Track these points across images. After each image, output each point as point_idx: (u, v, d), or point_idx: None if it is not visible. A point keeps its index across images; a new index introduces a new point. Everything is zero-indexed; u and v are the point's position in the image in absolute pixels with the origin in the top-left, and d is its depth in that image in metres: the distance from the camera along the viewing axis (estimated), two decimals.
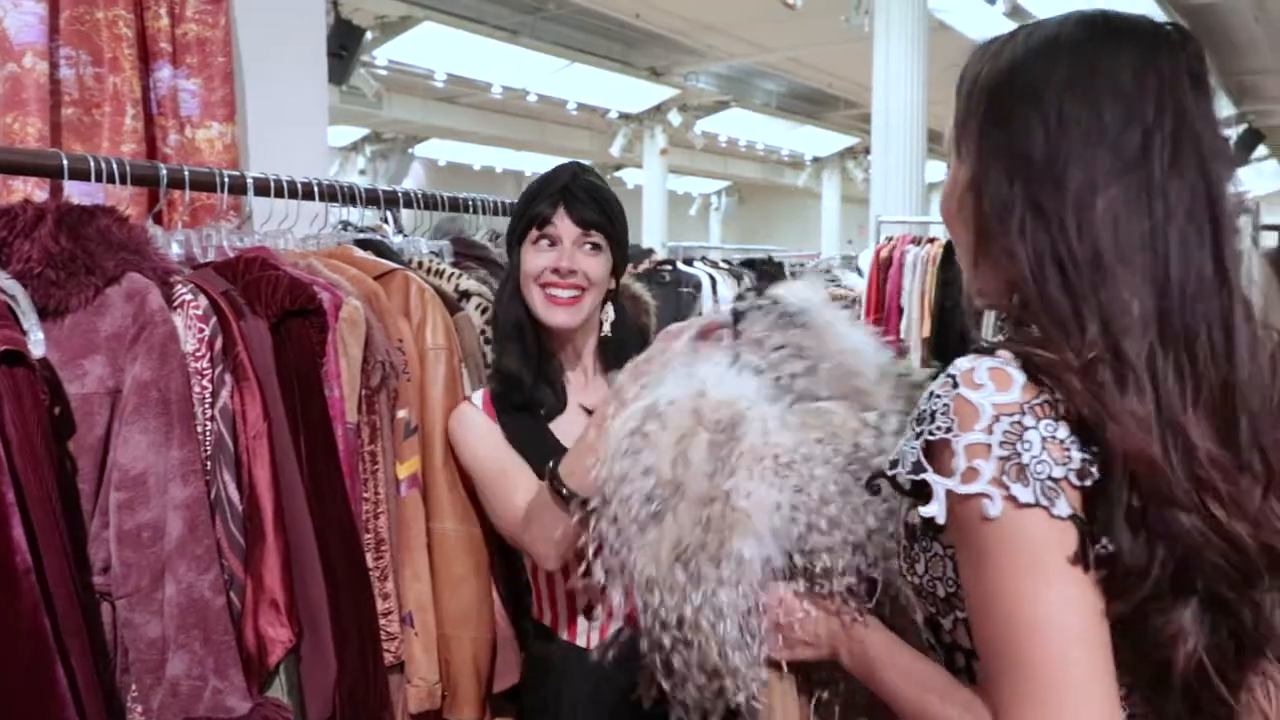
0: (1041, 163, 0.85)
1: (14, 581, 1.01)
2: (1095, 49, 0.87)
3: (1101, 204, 0.83)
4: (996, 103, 0.89)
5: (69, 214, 1.26)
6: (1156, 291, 0.82)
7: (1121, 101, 0.85)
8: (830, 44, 10.49)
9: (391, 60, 10.63)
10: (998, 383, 0.82)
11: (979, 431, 0.81)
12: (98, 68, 1.67)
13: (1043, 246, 0.84)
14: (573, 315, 1.52)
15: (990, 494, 0.80)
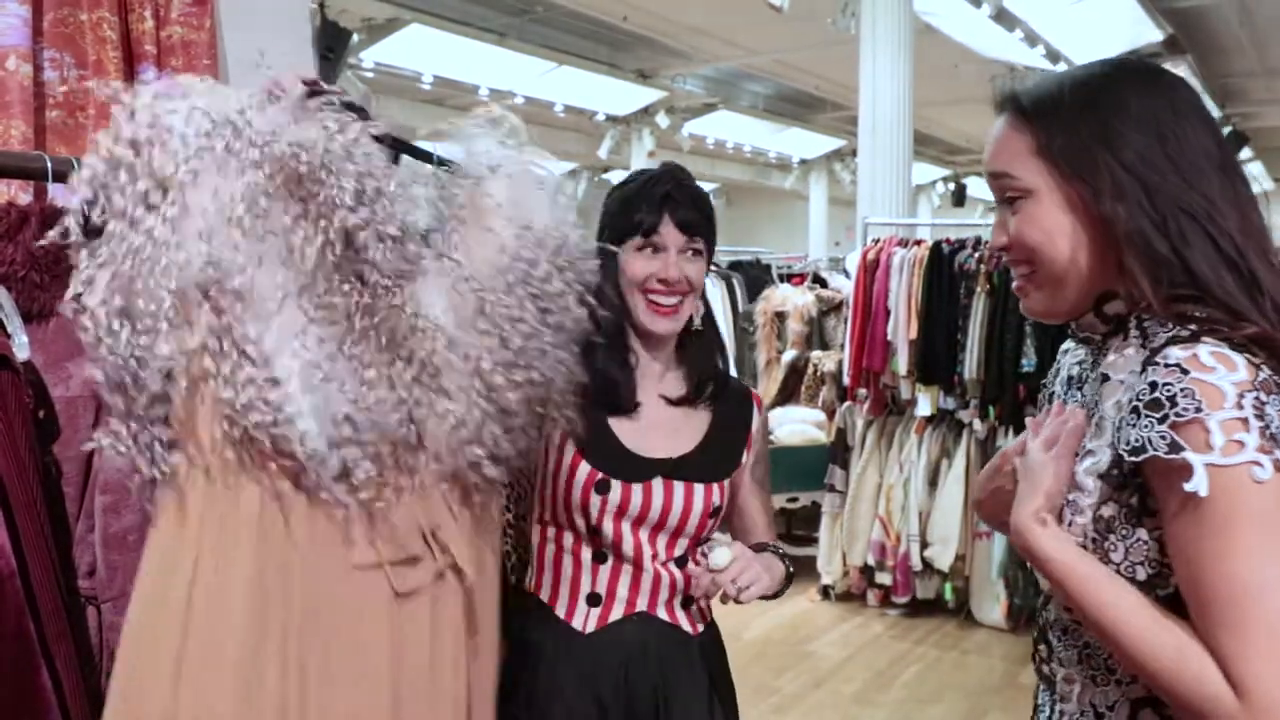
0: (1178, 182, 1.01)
1: None
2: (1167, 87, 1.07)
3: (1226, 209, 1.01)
4: (1107, 132, 1.04)
5: (53, 217, 1.26)
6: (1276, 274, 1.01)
7: (1209, 127, 1.05)
8: (817, 47, 10.52)
9: (379, 63, 10.60)
10: (1226, 365, 0.93)
11: (1230, 408, 0.91)
12: (82, 70, 1.66)
13: (1205, 247, 0.99)
14: (675, 323, 1.58)
15: (1260, 460, 0.90)
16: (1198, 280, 0.99)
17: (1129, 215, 1.01)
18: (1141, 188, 1.01)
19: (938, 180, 18.60)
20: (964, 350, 4.57)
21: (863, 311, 4.82)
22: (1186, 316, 0.99)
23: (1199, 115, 1.05)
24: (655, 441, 1.56)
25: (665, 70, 12.30)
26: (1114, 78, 1.07)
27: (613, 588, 1.54)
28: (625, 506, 1.52)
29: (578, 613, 1.53)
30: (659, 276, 1.54)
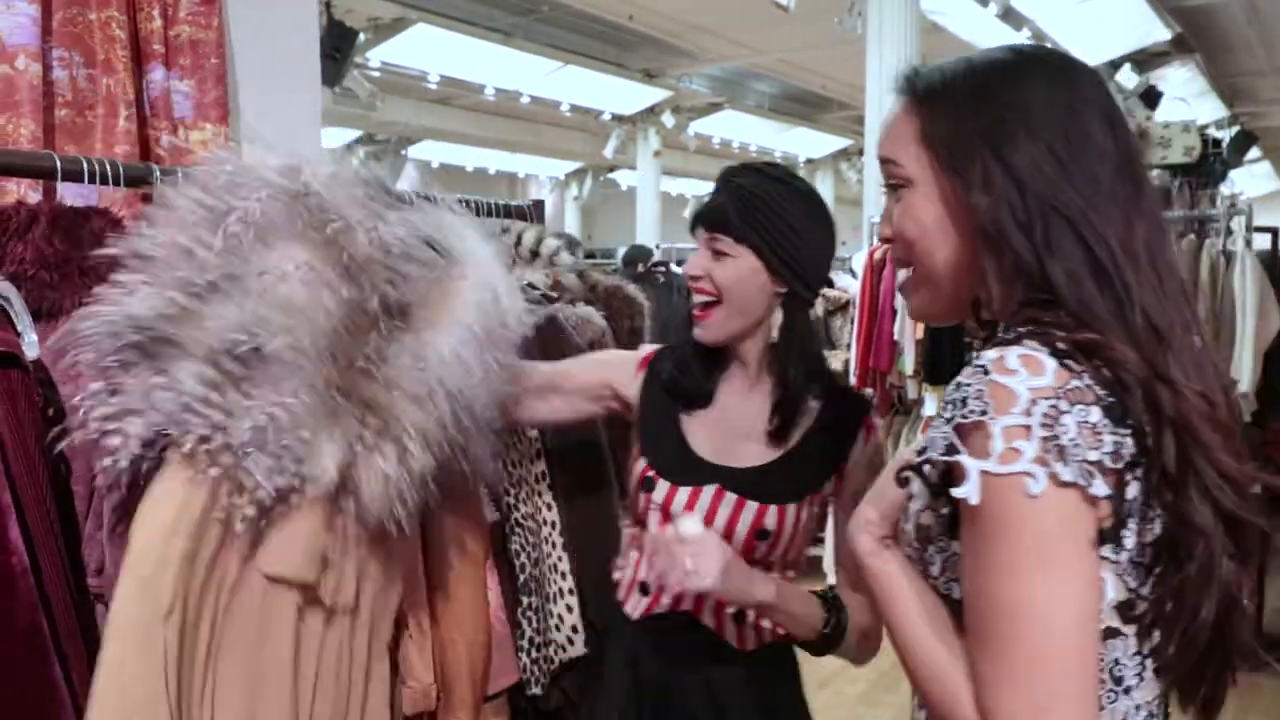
0: (1058, 183, 0.92)
1: (11, 582, 1.01)
2: (1071, 81, 0.97)
3: (1112, 215, 0.92)
4: (988, 124, 0.95)
5: (62, 216, 1.27)
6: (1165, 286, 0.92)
7: (1114, 129, 0.96)
8: (823, 46, 10.50)
9: (385, 62, 10.62)
10: (1031, 369, 0.85)
11: (1017, 414, 0.84)
12: (91, 69, 1.67)
13: (1073, 254, 0.91)
14: (705, 331, 1.47)
15: (1034, 472, 0.82)
16: (1052, 286, 0.91)
17: (993, 212, 0.93)
18: (1014, 184, 0.93)
19: None
20: (970, 351, 4.56)
21: (869, 311, 4.80)
22: (1032, 320, 0.91)
23: (1103, 114, 0.96)
24: (726, 447, 1.48)
25: (671, 70, 12.30)
26: (1012, 66, 0.98)
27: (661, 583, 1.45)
28: (667, 507, 1.46)
29: (631, 599, 1.52)
30: (688, 273, 1.48)
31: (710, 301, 1.45)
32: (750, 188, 1.44)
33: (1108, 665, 0.89)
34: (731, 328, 1.46)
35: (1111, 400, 0.85)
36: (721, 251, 1.44)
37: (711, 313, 1.46)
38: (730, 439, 1.48)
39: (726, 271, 1.44)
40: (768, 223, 1.42)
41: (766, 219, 1.42)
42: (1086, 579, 0.85)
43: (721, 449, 1.48)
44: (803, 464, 1.47)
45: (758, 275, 1.44)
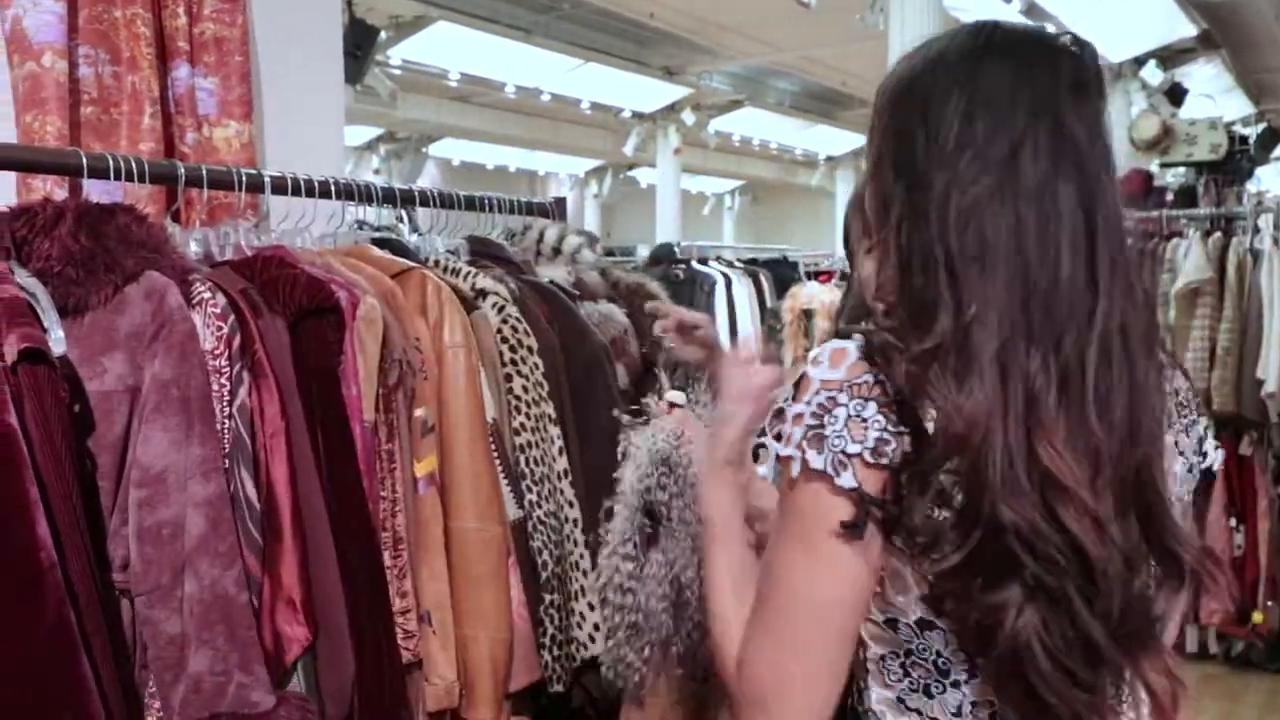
0: (918, 167, 0.90)
1: (39, 577, 1.02)
2: (975, 62, 0.91)
3: (963, 206, 0.87)
4: (890, 111, 0.95)
5: (88, 212, 1.27)
6: (1023, 292, 0.85)
7: (992, 111, 0.88)
8: (844, 43, 10.45)
9: (406, 60, 10.64)
10: (833, 361, 0.88)
11: (802, 403, 0.88)
12: (116, 66, 1.67)
13: (911, 242, 0.89)
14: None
15: (794, 456, 0.87)
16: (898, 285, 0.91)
17: (871, 203, 0.96)
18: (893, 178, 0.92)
19: None
20: None
21: None
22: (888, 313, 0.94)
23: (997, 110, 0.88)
24: None
25: (691, 67, 12.27)
26: (928, 59, 0.94)
27: None
28: None
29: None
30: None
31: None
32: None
33: (930, 656, 0.90)
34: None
35: (900, 400, 0.86)
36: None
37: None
38: None
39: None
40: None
41: None
42: (836, 568, 0.87)
43: None
44: None
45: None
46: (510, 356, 1.61)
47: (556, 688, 1.59)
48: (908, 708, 0.92)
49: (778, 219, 19.56)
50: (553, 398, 1.65)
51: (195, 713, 1.16)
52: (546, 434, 1.63)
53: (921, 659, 0.90)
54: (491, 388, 1.59)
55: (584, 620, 1.62)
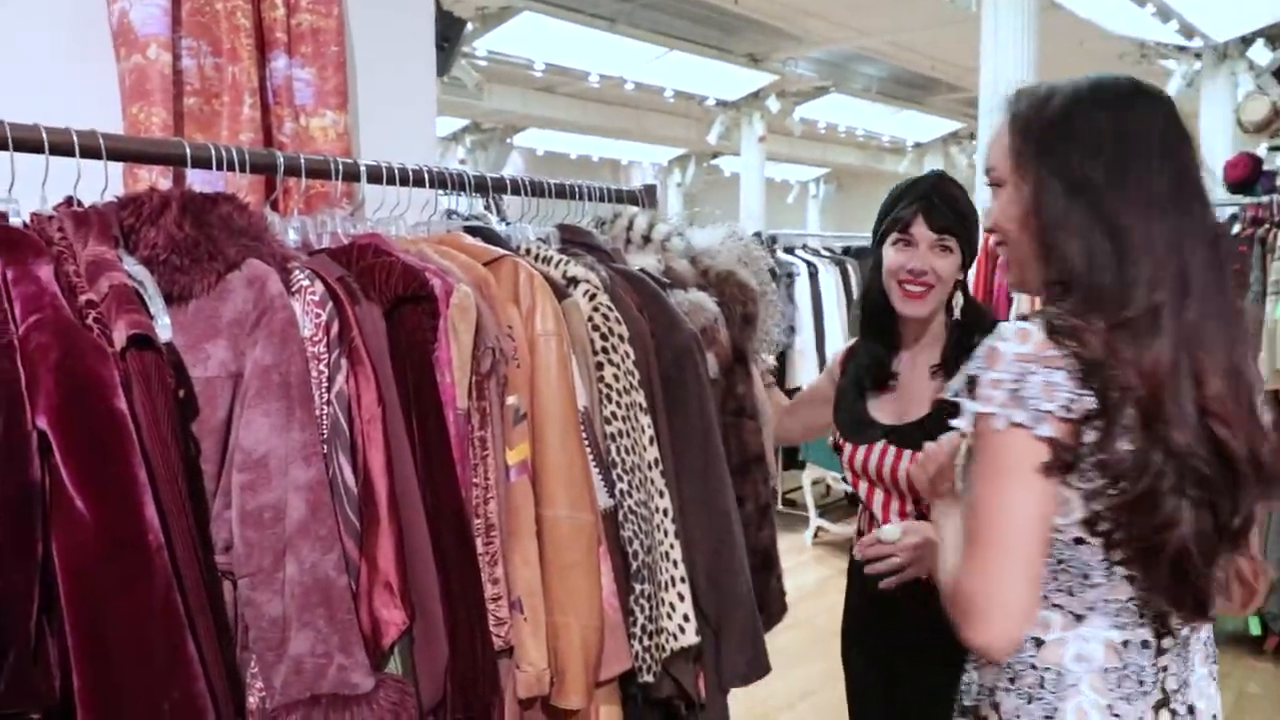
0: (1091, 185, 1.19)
1: (149, 558, 1.04)
2: (1128, 109, 1.22)
3: (1138, 216, 1.17)
4: (1053, 144, 1.22)
5: (192, 201, 1.29)
6: (1183, 278, 1.16)
7: (1144, 146, 1.20)
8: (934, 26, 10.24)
9: (491, 51, 10.75)
10: (1020, 338, 1.16)
11: (999, 371, 1.15)
12: (217, 58, 1.71)
13: (1096, 247, 1.17)
14: (921, 308, 1.86)
15: (998, 414, 1.15)
16: (1075, 277, 1.17)
17: (1046, 215, 1.21)
18: (1063, 194, 1.19)
19: None
20: None
21: (983, 298, 4.66)
22: (1049, 301, 1.21)
23: (1147, 144, 1.20)
24: (896, 410, 1.90)
25: (776, 54, 12.15)
26: (1081, 97, 1.24)
27: (869, 529, 1.90)
28: (852, 463, 1.92)
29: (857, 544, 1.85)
30: (908, 267, 1.84)
31: (927, 288, 1.85)
32: (956, 196, 1.88)
33: (1079, 565, 1.21)
34: (936, 306, 1.87)
35: (1081, 369, 1.13)
36: (947, 247, 1.85)
37: (927, 295, 1.85)
38: (906, 402, 1.90)
39: (946, 264, 1.85)
40: (969, 222, 1.87)
41: (968, 220, 1.87)
42: (1034, 494, 1.15)
43: (897, 411, 1.90)
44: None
45: (957, 268, 1.88)
46: (601, 345, 1.60)
47: (646, 678, 1.58)
48: (1052, 604, 1.24)
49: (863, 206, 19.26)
50: (643, 386, 1.63)
51: (297, 693, 1.18)
52: (637, 423, 1.61)
53: (1069, 567, 1.21)
54: (583, 376, 1.58)
55: (674, 610, 1.61)
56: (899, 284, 1.87)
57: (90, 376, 1.05)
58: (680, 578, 1.62)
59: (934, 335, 1.91)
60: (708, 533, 1.70)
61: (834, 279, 5.54)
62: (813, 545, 6.13)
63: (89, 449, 1.04)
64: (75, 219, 1.24)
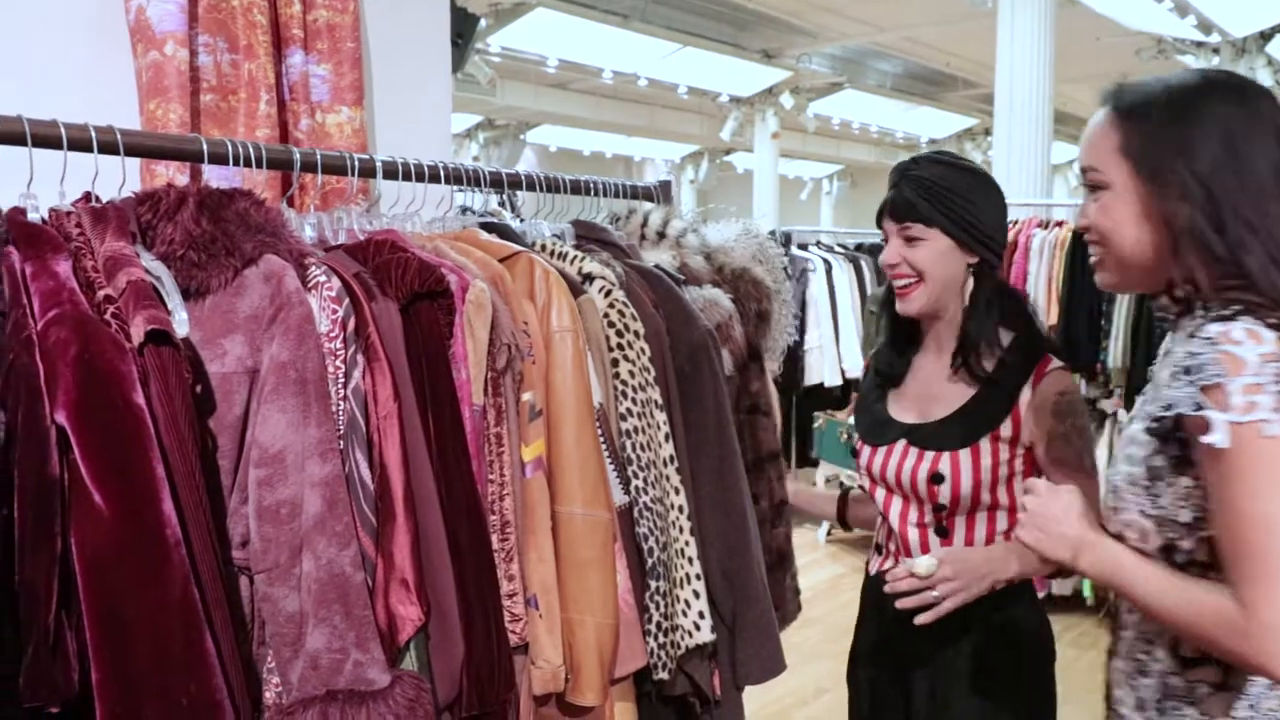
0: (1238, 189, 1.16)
1: (166, 553, 1.04)
2: (1249, 102, 1.20)
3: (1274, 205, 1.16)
4: (1179, 137, 1.19)
5: (209, 197, 1.29)
6: None
7: (1264, 134, 1.18)
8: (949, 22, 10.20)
9: (505, 47, 10.75)
10: (1254, 339, 1.10)
11: (1249, 375, 1.08)
12: (234, 54, 1.71)
13: (1257, 247, 1.14)
14: (908, 305, 1.72)
15: (1270, 419, 1.07)
16: (1248, 275, 1.14)
17: (1190, 217, 1.16)
18: (1205, 195, 1.16)
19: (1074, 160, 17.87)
20: (1108, 337, 4.37)
21: None
22: (1235, 300, 1.14)
23: (1265, 132, 1.18)
24: (913, 408, 1.77)
25: (790, 50, 12.12)
26: (1201, 92, 1.20)
27: (886, 541, 1.82)
28: (869, 468, 1.78)
29: (872, 558, 1.86)
30: (882, 263, 1.74)
31: (911, 282, 1.70)
32: (926, 176, 1.67)
33: None
34: (933, 299, 1.70)
35: None
36: (913, 237, 1.68)
37: (912, 290, 1.70)
38: (926, 401, 1.76)
39: (921, 254, 1.68)
40: (949, 202, 1.65)
41: (948, 199, 1.65)
42: None
43: (917, 410, 1.77)
44: (979, 410, 1.68)
45: (951, 252, 1.68)
46: (617, 341, 1.60)
47: (661, 675, 1.58)
48: None
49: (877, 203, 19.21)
50: (659, 383, 1.63)
51: (313, 689, 1.18)
52: (652, 420, 1.61)
53: None
54: (598, 372, 1.58)
55: (689, 608, 1.61)
56: (891, 282, 1.77)
57: (109, 371, 1.05)
58: (695, 575, 1.62)
59: (953, 328, 1.76)
60: (723, 530, 1.69)
61: (848, 276, 5.53)
62: (826, 543, 6.12)
63: (107, 444, 1.04)
64: (93, 215, 1.24)
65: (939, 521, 1.71)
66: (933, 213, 1.65)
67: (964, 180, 1.67)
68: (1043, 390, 1.65)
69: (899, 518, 1.77)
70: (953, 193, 1.65)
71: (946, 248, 1.66)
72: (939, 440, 1.69)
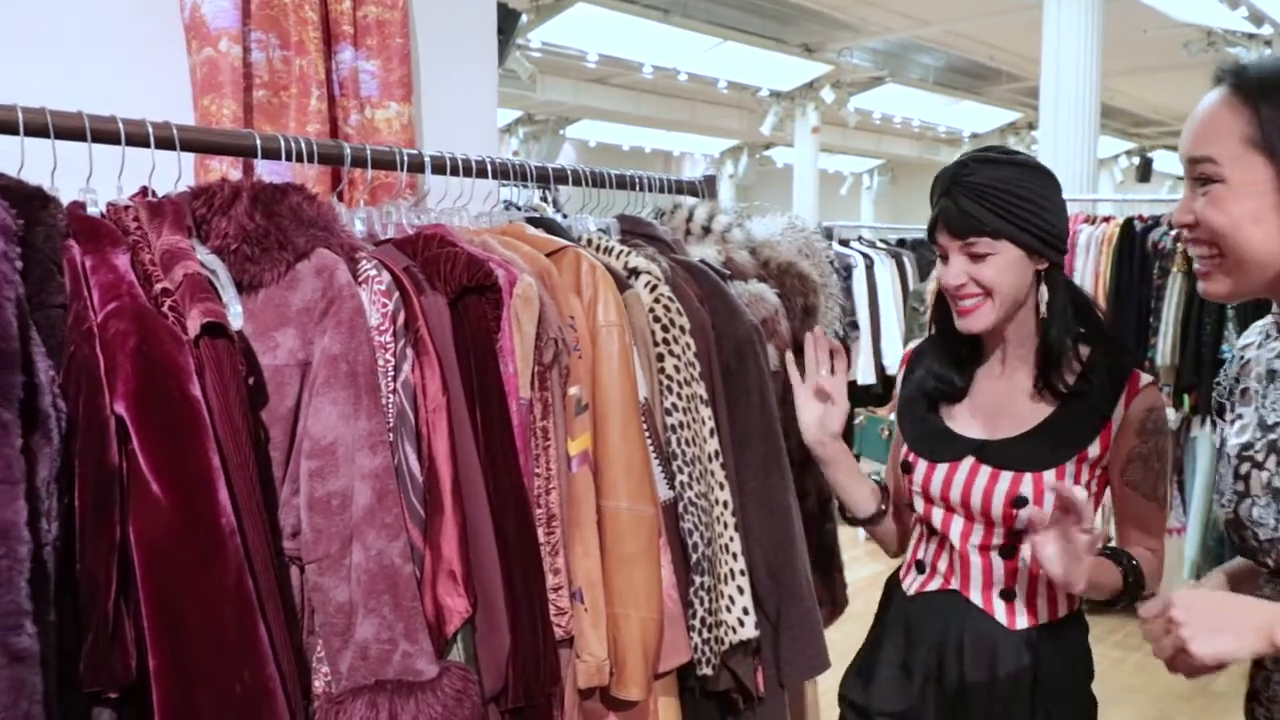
0: None
1: (222, 542, 1.06)
2: None
3: None
4: None
5: (263, 192, 1.30)
6: None
7: None
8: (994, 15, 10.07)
9: (545, 42, 10.78)
10: None
11: None
12: (285, 50, 1.73)
13: None
14: (974, 322, 1.52)
15: None
16: None
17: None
18: None
19: (1120, 154, 17.59)
20: (1157, 334, 4.30)
21: None
22: None
23: None
24: (989, 423, 1.57)
25: (832, 44, 12.04)
26: None
27: (935, 561, 1.63)
28: (927, 486, 1.59)
29: (909, 576, 1.67)
30: (945, 283, 1.54)
31: (978, 300, 1.50)
32: (983, 181, 1.47)
33: None
34: (1002, 315, 1.51)
35: None
36: (980, 254, 1.48)
37: (980, 307, 1.51)
38: (994, 414, 1.57)
39: (991, 270, 1.48)
40: (1014, 207, 1.46)
41: (1012, 204, 1.46)
42: None
43: (985, 425, 1.57)
44: (1063, 428, 1.52)
45: (1020, 262, 1.49)
46: (662, 336, 1.60)
47: (705, 670, 1.58)
48: None
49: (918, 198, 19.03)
50: (704, 378, 1.63)
51: (362, 678, 1.19)
52: (698, 415, 1.61)
53: None
54: (644, 367, 1.58)
55: (733, 604, 1.61)
56: (953, 300, 1.56)
57: (167, 363, 1.07)
58: (740, 570, 1.62)
59: (1021, 337, 1.56)
60: (768, 526, 1.69)
61: (890, 272, 5.49)
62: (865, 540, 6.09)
63: (165, 434, 1.06)
64: (150, 209, 1.26)
65: (1008, 544, 1.54)
66: (999, 222, 1.46)
67: (1025, 178, 1.48)
68: (1134, 408, 1.50)
69: (960, 538, 1.58)
70: (1015, 195, 1.46)
71: (1016, 258, 1.48)
72: (1019, 459, 1.51)
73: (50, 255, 1.11)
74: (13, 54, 1.63)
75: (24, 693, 0.91)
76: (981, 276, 1.48)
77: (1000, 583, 1.55)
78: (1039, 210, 1.47)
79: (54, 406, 1.01)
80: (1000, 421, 1.56)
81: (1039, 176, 1.50)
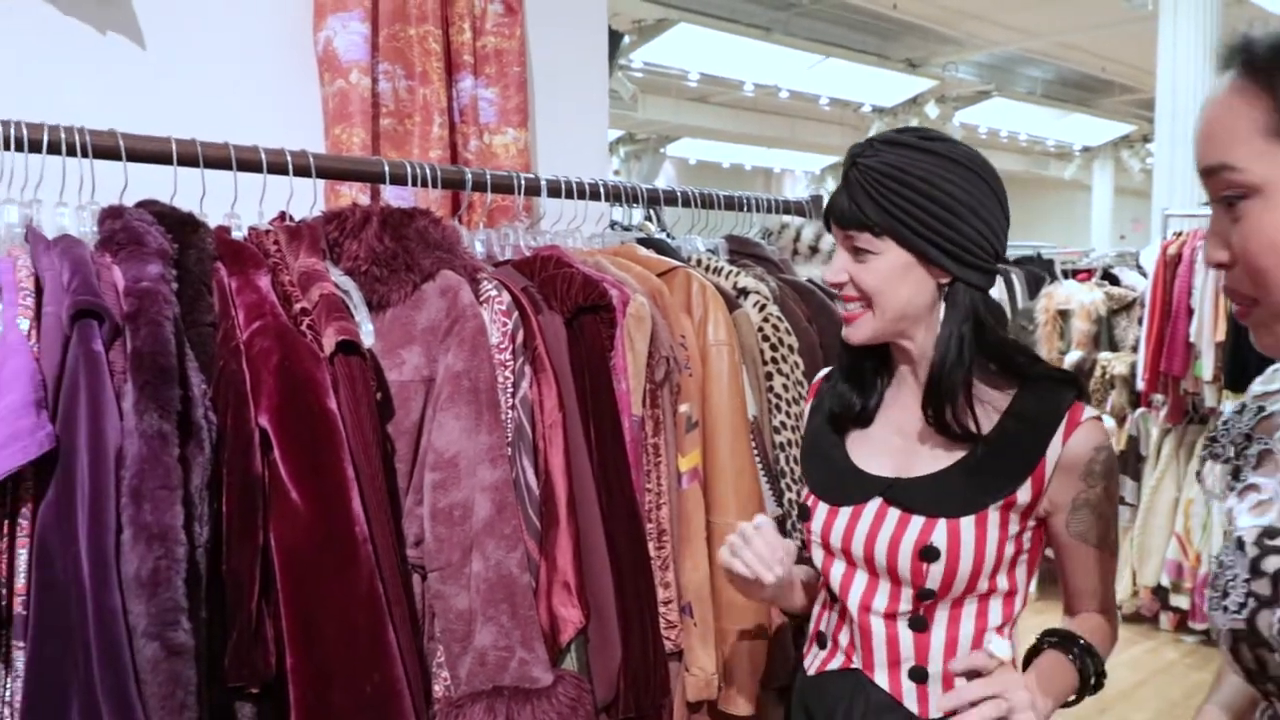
0: None
1: (355, 549, 1.12)
2: None
3: None
4: None
5: (391, 216, 1.37)
6: None
7: None
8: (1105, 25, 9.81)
9: (647, 62, 10.90)
10: None
11: None
12: (410, 81, 1.81)
13: None
14: (853, 331, 1.25)
15: None
16: None
17: None
18: None
19: None
20: None
21: (1161, 311, 4.44)
22: None
23: None
24: (900, 459, 1.26)
25: (936, 58, 11.88)
26: None
27: (835, 633, 1.29)
28: (826, 535, 1.27)
29: (811, 651, 1.34)
30: (824, 279, 1.31)
31: (858, 307, 1.23)
32: (881, 167, 1.18)
33: None
34: (887, 329, 1.23)
35: None
36: (861, 249, 1.21)
37: (859, 315, 1.23)
38: (905, 449, 1.26)
39: (870, 275, 1.21)
40: (907, 201, 1.18)
41: (905, 197, 1.17)
42: None
43: (896, 461, 1.26)
44: (986, 467, 1.21)
45: (910, 269, 1.20)
46: (771, 355, 1.62)
47: None
48: None
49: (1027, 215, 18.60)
50: None
51: (480, 684, 1.24)
52: None
53: None
54: (753, 385, 1.60)
55: None
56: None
57: (307, 378, 1.14)
58: None
59: (927, 360, 1.24)
60: None
61: (998, 290, 5.38)
62: None
63: (304, 446, 1.12)
64: (289, 233, 1.34)
65: (917, 611, 1.22)
66: (884, 218, 1.18)
67: (937, 170, 1.17)
68: (1075, 445, 1.19)
69: (859, 605, 1.24)
70: (915, 189, 1.17)
71: (904, 264, 1.19)
72: (931, 502, 1.21)
73: (201, 277, 1.19)
74: (166, 89, 1.75)
75: (180, 684, 0.98)
76: (860, 279, 1.21)
77: (909, 659, 1.22)
78: (947, 211, 1.17)
79: (206, 418, 1.08)
80: (914, 458, 1.25)
81: (960, 171, 1.19)
